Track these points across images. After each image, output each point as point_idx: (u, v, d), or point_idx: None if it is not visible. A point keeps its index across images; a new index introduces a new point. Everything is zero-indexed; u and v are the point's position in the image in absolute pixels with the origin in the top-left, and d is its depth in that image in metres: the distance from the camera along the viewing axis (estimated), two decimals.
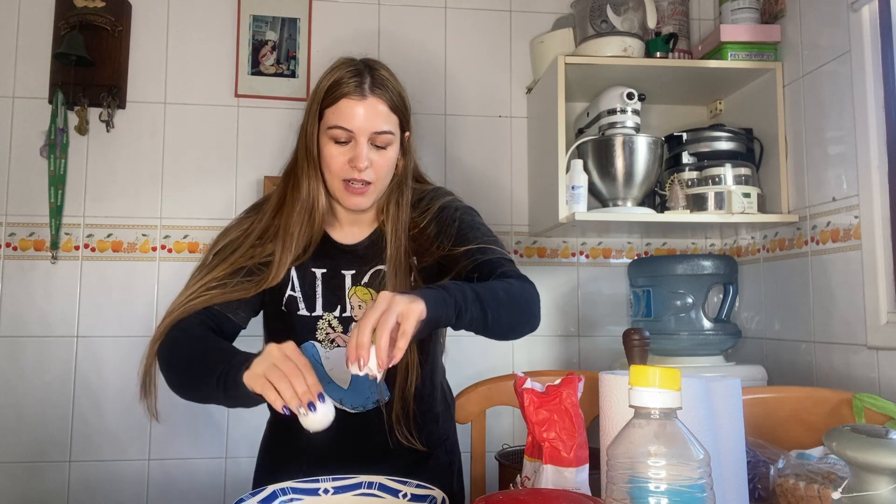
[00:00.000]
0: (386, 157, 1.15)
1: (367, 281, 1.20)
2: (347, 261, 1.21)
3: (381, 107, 1.13)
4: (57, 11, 2.06)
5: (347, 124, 1.11)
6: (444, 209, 1.22)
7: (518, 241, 2.24)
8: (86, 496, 1.98)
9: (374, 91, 1.12)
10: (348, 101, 1.11)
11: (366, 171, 1.12)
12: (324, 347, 1.19)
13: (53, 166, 2.01)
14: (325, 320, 1.19)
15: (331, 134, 1.13)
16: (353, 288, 1.20)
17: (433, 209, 1.22)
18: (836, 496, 0.73)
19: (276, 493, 0.85)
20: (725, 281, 2.04)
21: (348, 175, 1.13)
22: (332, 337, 1.19)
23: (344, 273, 1.20)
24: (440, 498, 0.80)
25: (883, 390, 1.58)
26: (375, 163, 1.13)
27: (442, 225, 1.20)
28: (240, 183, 2.13)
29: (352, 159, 1.12)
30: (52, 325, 2.02)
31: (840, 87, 1.74)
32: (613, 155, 1.95)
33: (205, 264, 1.16)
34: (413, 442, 1.19)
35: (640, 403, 0.56)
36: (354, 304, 1.19)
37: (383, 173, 1.16)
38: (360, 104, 1.11)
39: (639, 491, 0.53)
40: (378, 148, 1.14)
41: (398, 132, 1.17)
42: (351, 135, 1.12)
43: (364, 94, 1.11)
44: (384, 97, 1.13)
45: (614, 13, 1.99)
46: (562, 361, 2.23)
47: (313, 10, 2.20)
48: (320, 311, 1.19)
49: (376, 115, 1.12)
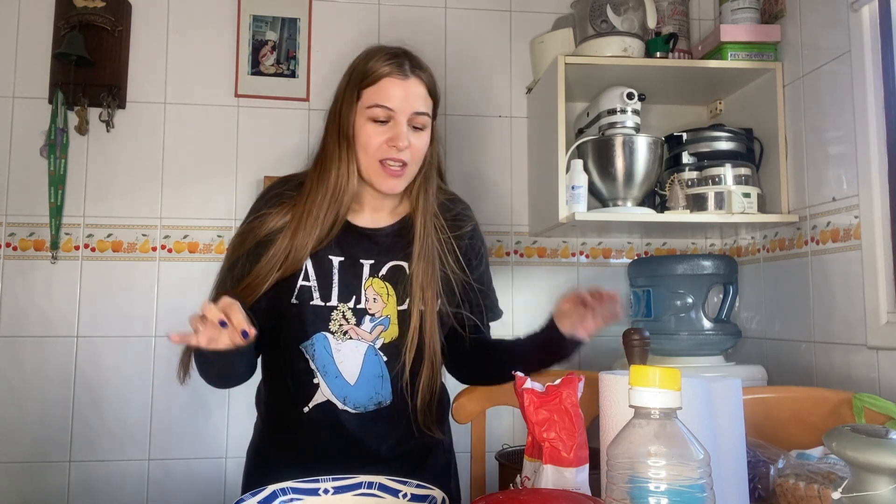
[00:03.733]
0: (423, 139, 1.16)
1: (384, 274, 1.19)
2: (365, 248, 1.19)
3: (421, 88, 1.14)
4: (57, 11, 2.06)
5: (389, 103, 1.12)
6: (475, 235, 1.29)
7: (518, 241, 2.24)
8: (86, 496, 1.98)
9: (415, 72, 1.14)
10: (390, 80, 1.12)
11: (404, 151, 1.13)
12: (336, 339, 1.16)
13: (53, 166, 2.01)
14: (340, 311, 1.16)
15: (370, 114, 1.13)
16: (369, 279, 1.18)
17: (466, 227, 1.26)
18: (836, 496, 0.73)
19: (276, 493, 0.85)
20: (725, 281, 2.04)
21: (386, 154, 1.13)
22: (345, 329, 1.16)
23: (362, 262, 1.18)
24: (440, 498, 0.80)
25: (883, 390, 1.58)
26: (413, 145, 1.14)
27: (472, 252, 1.26)
28: (240, 183, 2.13)
29: (391, 139, 1.12)
30: (52, 325, 2.02)
31: (840, 87, 1.74)
32: (613, 155, 1.95)
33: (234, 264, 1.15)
34: (433, 428, 1.20)
35: (640, 403, 0.56)
36: (370, 295, 1.17)
37: (418, 156, 1.16)
38: (402, 83, 1.12)
39: (639, 491, 0.53)
40: (416, 130, 1.14)
41: (432, 115, 1.18)
42: (391, 114, 1.12)
43: (406, 74, 1.13)
44: (424, 79, 1.15)
45: (614, 13, 1.99)
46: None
47: (313, 10, 2.20)
48: (335, 300, 1.16)
49: (416, 95, 1.13)
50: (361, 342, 1.17)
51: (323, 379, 1.17)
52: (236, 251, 1.16)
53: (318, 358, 1.16)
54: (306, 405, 1.18)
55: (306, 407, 1.18)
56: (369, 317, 1.17)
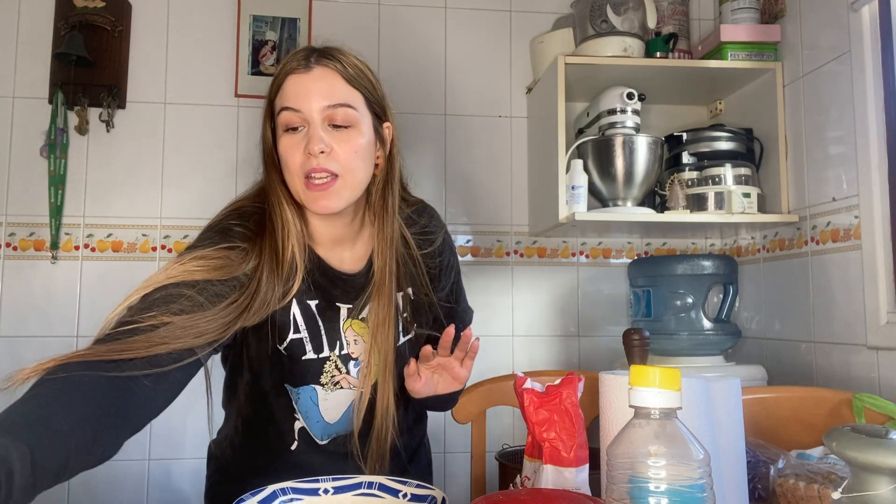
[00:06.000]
0: (349, 139, 0.96)
1: (365, 315, 1.06)
2: (342, 291, 1.05)
3: (330, 78, 0.96)
4: (57, 11, 2.06)
5: (294, 102, 0.95)
6: (445, 247, 1.15)
7: (518, 241, 2.24)
8: (86, 496, 1.98)
9: (321, 61, 0.97)
10: (291, 78, 0.97)
11: (324, 157, 0.94)
12: (325, 390, 1.06)
13: (53, 166, 2.01)
14: (332, 361, 1.05)
15: (281, 121, 0.97)
16: (348, 320, 1.06)
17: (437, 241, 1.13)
18: (836, 496, 0.73)
19: (276, 493, 0.85)
20: (725, 281, 2.04)
21: (307, 167, 0.95)
22: (336, 379, 1.06)
23: (339, 306, 1.06)
24: (440, 498, 0.80)
25: (883, 390, 1.58)
26: (337, 149, 0.95)
27: (443, 268, 1.14)
28: (240, 183, 2.13)
29: (306, 146, 0.95)
30: (52, 325, 2.02)
31: (840, 87, 1.74)
32: (613, 155, 1.95)
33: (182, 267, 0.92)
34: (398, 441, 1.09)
35: (640, 403, 0.56)
36: (350, 338, 1.06)
37: (350, 163, 0.96)
38: (304, 77, 0.96)
39: (639, 491, 0.53)
40: (337, 128, 0.96)
41: (365, 112, 1.00)
42: (298, 115, 0.95)
43: (309, 65, 0.96)
44: (334, 67, 0.97)
45: (614, 13, 1.99)
46: (562, 361, 2.23)
47: (313, 10, 2.20)
48: (327, 351, 1.04)
49: (325, 86, 0.95)
50: (351, 390, 1.07)
51: (305, 422, 1.08)
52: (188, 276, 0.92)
53: (302, 405, 1.07)
54: (292, 444, 1.09)
55: (293, 444, 1.08)
56: (353, 361, 1.06)
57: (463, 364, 1.01)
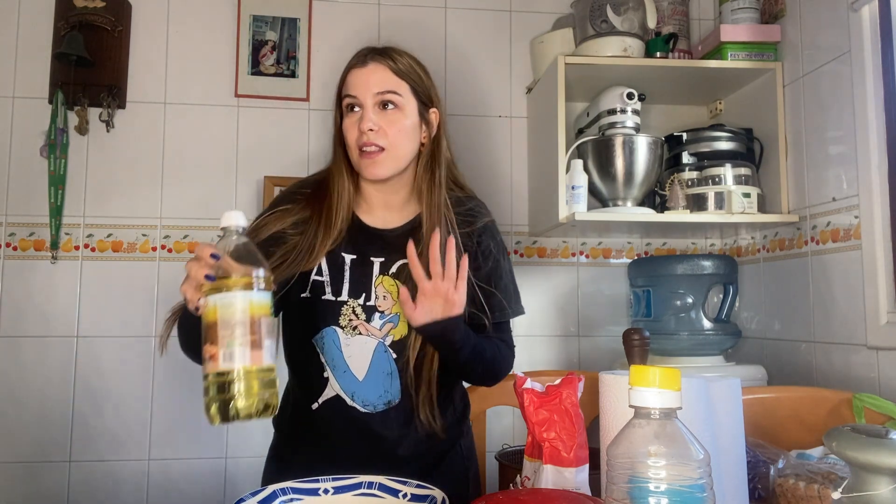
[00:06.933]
0: (394, 119, 1.17)
1: (394, 271, 1.20)
2: (377, 247, 1.21)
3: (383, 71, 1.18)
4: (57, 11, 2.06)
5: (352, 90, 1.17)
6: (486, 232, 1.26)
7: (518, 241, 2.24)
8: (86, 496, 1.98)
9: (374, 58, 1.19)
10: (352, 72, 1.19)
11: (373, 133, 1.15)
12: (345, 334, 1.18)
13: (53, 166, 2.01)
14: (350, 306, 1.18)
15: (344, 105, 1.19)
16: (380, 276, 1.20)
17: (478, 224, 1.25)
18: (836, 496, 0.73)
19: (276, 493, 0.85)
20: (725, 281, 2.04)
21: (360, 141, 1.16)
22: (354, 324, 1.18)
23: (373, 260, 1.21)
24: (440, 498, 0.80)
25: (883, 390, 1.58)
26: (384, 127, 1.16)
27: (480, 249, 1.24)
28: (240, 183, 2.13)
29: (361, 124, 1.16)
30: (52, 325, 2.02)
31: (840, 87, 1.74)
32: (613, 155, 1.95)
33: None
34: (434, 424, 1.17)
35: (640, 403, 0.56)
36: (380, 293, 1.19)
37: (396, 139, 1.17)
38: (361, 70, 1.18)
39: (639, 491, 0.53)
40: (385, 110, 1.17)
41: (411, 98, 1.19)
42: (356, 100, 1.17)
43: (364, 62, 1.18)
44: (385, 63, 1.18)
45: (614, 13, 1.99)
46: (562, 361, 2.23)
47: (313, 10, 2.20)
48: (346, 296, 1.19)
49: (377, 77, 1.17)
50: (371, 338, 1.18)
51: (332, 373, 1.18)
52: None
53: (328, 351, 1.18)
54: (316, 401, 1.19)
55: (315, 403, 1.19)
56: (379, 314, 1.19)
57: (457, 287, 1.09)
